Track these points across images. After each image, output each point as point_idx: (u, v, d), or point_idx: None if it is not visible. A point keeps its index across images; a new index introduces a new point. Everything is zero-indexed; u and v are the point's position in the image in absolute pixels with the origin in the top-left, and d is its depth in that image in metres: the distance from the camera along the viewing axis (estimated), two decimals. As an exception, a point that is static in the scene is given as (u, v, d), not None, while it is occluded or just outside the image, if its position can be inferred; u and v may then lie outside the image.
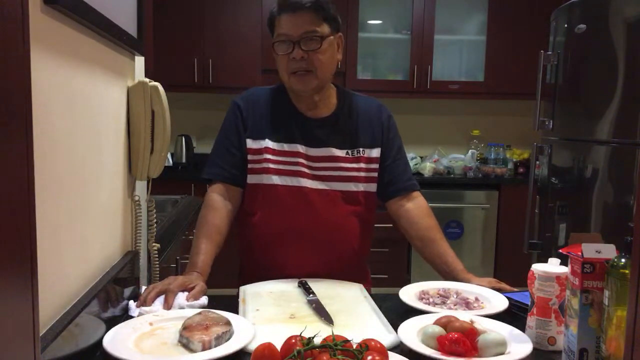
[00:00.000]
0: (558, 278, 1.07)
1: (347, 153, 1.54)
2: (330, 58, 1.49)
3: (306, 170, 1.52)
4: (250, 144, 1.53)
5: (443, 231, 1.59)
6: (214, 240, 1.46)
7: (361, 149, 1.56)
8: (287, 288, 1.38)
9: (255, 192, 1.53)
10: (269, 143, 1.52)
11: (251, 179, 1.53)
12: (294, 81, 1.48)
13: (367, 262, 1.68)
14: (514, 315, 1.26)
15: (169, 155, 3.92)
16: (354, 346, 0.92)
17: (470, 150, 4.24)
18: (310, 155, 1.53)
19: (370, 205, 1.60)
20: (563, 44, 2.59)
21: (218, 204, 1.51)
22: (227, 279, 1.65)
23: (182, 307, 1.24)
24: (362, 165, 1.56)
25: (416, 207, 1.58)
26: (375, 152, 1.57)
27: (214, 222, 1.48)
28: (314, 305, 1.25)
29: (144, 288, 1.31)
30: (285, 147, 1.52)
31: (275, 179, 1.50)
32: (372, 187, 1.58)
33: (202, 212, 1.52)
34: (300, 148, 1.52)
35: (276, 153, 1.51)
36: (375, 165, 1.58)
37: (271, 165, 1.51)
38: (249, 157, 1.52)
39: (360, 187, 1.56)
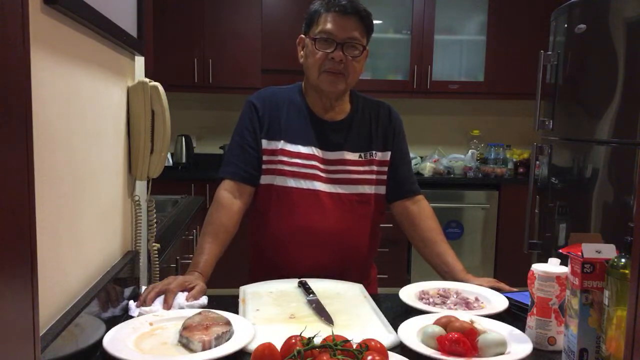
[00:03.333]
0: (558, 278, 1.07)
1: (360, 156, 1.56)
2: (361, 68, 1.52)
3: (321, 173, 1.52)
4: (265, 144, 1.53)
5: (443, 231, 1.61)
6: (219, 240, 1.45)
7: (374, 152, 1.57)
8: (287, 288, 1.38)
9: (268, 192, 1.53)
10: (284, 145, 1.52)
11: (264, 179, 1.53)
12: (325, 80, 1.48)
13: (375, 262, 1.70)
14: (514, 315, 1.26)
15: (169, 155, 3.92)
16: (354, 346, 0.92)
17: (470, 150, 4.24)
18: (325, 158, 1.53)
19: (380, 207, 1.61)
20: (563, 44, 2.59)
21: (227, 201, 1.50)
22: (229, 279, 1.65)
23: (181, 307, 1.24)
24: (374, 167, 1.57)
25: (420, 210, 1.61)
26: (386, 155, 1.59)
27: (221, 221, 1.48)
28: (314, 305, 1.25)
29: (144, 288, 1.31)
30: (301, 149, 1.52)
31: (290, 181, 1.51)
32: (382, 190, 1.60)
33: (210, 209, 1.51)
34: (316, 151, 1.53)
35: (292, 155, 1.51)
36: (385, 168, 1.60)
37: (286, 168, 1.51)
38: (264, 157, 1.53)
39: (372, 189, 1.57)
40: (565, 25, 2.55)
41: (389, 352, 0.97)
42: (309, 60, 1.50)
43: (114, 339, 1.04)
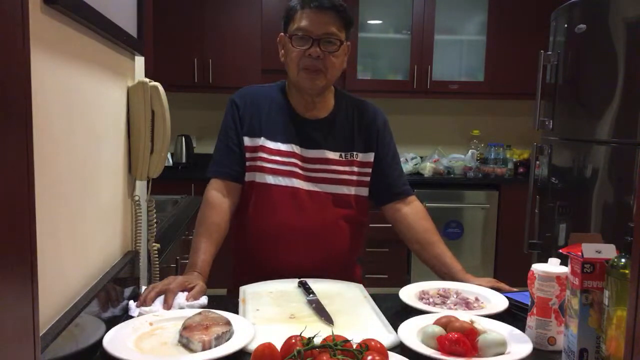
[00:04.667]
0: (558, 278, 1.07)
1: (341, 156, 1.55)
2: (341, 63, 1.51)
3: (300, 171, 1.52)
4: (247, 141, 1.53)
5: (443, 231, 1.61)
6: (213, 239, 1.46)
7: (355, 153, 1.56)
8: (287, 288, 1.38)
9: (249, 189, 1.53)
10: (264, 142, 1.52)
11: (247, 176, 1.54)
12: (304, 77, 1.48)
13: (359, 262, 1.68)
14: (514, 315, 1.26)
15: (169, 155, 3.92)
16: (354, 346, 0.92)
17: (470, 150, 4.24)
18: (305, 156, 1.53)
19: (362, 208, 1.60)
20: (563, 44, 2.58)
21: (217, 200, 1.51)
22: (227, 278, 1.65)
23: (182, 307, 1.24)
24: (355, 169, 1.56)
25: (413, 211, 1.59)
26: (369, 157, 1.58)
27: (213, 220, 1.48)
28: (314, 305, 1.25)
29: (144, 288, 1.31)
30: (281, 147, 1.52)
31: (269, 178, 1.51)
32: (364, 191, 1.59)
33: (201, 209, 1.52)
34: (296, 149, 1.52)
35: (272, 152, 1.51)
36: (368, 170, 1.58)
37: (265, 164, 1.51)
38: (247, 154, 1.53)
39: (352, 190, 1.56)
40: (565, 25, 2.55)
41: (389, 352, 0.97)
42: (288, 58, 1.50)
43: (114, 339, 1.04)
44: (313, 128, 1.55)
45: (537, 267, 1.10)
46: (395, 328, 1.13)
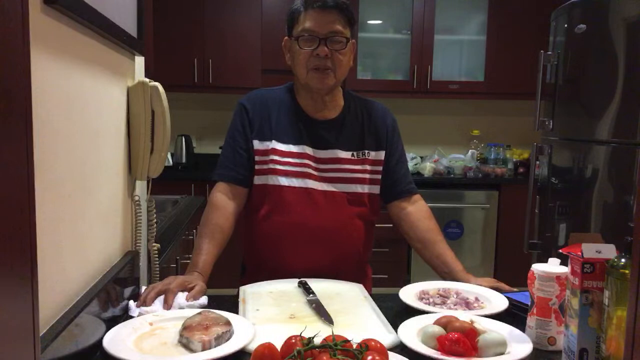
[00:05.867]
0: (558, 278, 1.07)
1: (353, 155, 1.55)
2: (348, 61, 1.53)
3: (313, 172, 1.52)
4: (257, 145, 1.53)
5: (443, 231, 1.61)
6: (216, 240, 1.46)
7: (366, 151, 1.57)
8: (287, 288, 1.38)
9: (261, 192, 1.53)
10: (276, 144, 1.52)
11: (258, 179, 1.54)
12: (313, 77, 1.48)
13: (369, 262, 1.69)
14: (514, 315, 1.26)
15: (169, 155, 3.92)
16: (354, 346, 0.92)
17: (470, 150, 4.24)
18: (317, 157, 1.53)
19: (375, 206, 1.61)
20: (563, 44, 2.58)
21: (222, 203, 1.51)
22: (227, 278, 1.65)
23: (182, 307, 1.24)
24: (367, 167, 1.57)
25: (417, 210, 1.60)
26: (380, 155, 1.59)
27: (217, 222, 1.48)
28: (314, 305, 1.25)
29: (144, 288, 1.31)
30: (293, 148, 1.52)
31: (282, 180, 1.51)
32: (376, 189, 1.60)
33: (205, 211, 1.52)
34: (308, 150, 1.53)
35: (284, 154, 1.52)
36: (380, 168, 1.59)
37: (278, 167, 1.51)
38: (256, 158, 1.53)
39: (365, 188, 1.57)
40: (565, 25, 2.55)
41: (389, 352, 0.97)
42: (295, 60, 1.51)
43: (114, 339, 1.04)
44: (323, 128, 1.55)
45: (537, 267, 1.10)
46: (395, 328, 1.13)
